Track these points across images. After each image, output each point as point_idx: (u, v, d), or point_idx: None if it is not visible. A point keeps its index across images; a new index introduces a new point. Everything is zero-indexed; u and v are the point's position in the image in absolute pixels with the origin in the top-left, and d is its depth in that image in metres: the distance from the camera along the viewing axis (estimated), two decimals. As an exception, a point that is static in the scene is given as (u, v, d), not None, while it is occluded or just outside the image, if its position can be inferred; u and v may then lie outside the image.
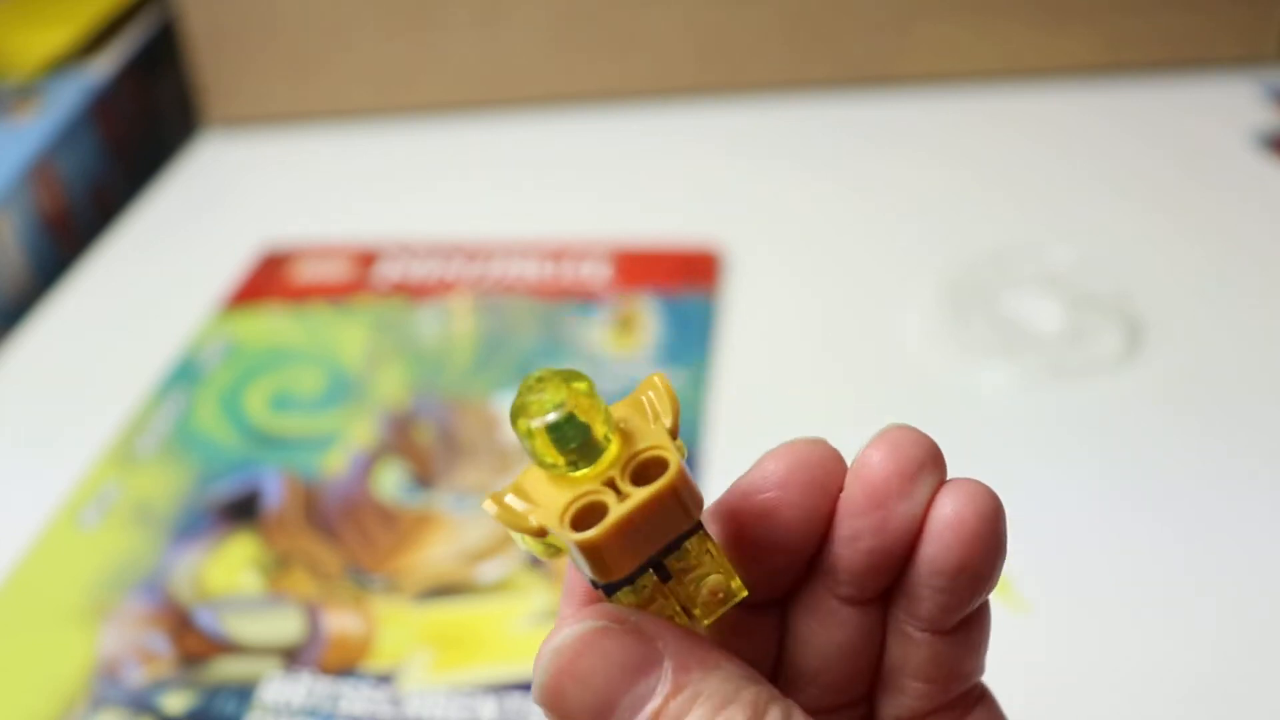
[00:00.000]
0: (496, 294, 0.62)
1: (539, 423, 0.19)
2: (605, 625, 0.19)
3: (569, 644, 0.19)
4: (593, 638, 0.19)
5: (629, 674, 0.19)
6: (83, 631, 0.45)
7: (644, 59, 0.80)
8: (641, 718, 0.19)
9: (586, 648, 0.19)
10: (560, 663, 0.19)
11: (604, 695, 0.19)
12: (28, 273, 0.69)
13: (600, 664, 0.19)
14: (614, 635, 0.19)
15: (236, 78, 0.81)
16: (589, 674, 0.19)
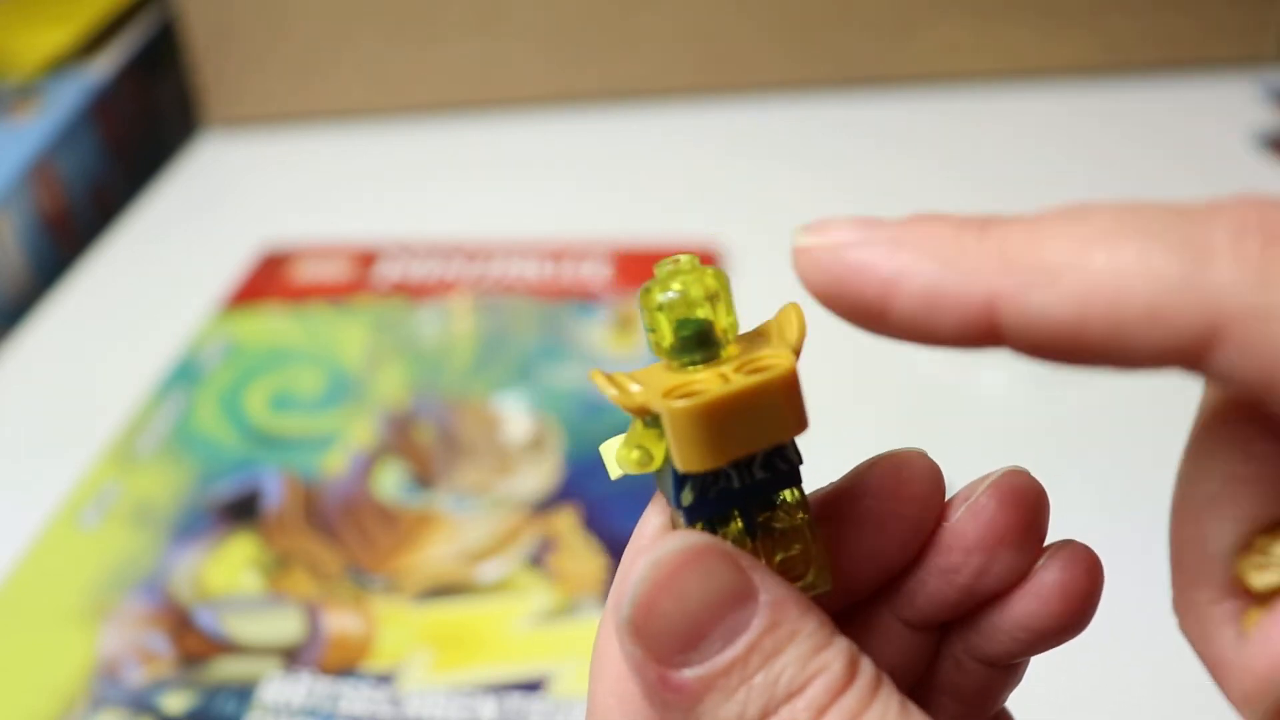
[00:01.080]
0: (496, 294, 0.62)
1: (665, 297, 0.19)
2: (709, 545, 0.18)
3: (670, 557, 0.18)
4: (696, 555, 0.18)
5: (727, 600, 0.18)
6: (83, 631, 0.45)
7: (644, 59, 0.80)
8: (735, 649, 0.17)
9: (688, 564, 0.18)
10: (658, 576, 0.18)
11: (698, 618, 0.18)
12: (28, 273, 0.69)
13: (700, 584, 0.18)
14: (716, 557, 0.18)
15: (236, 78, 0.81)
16: (687, 592, 0.18)
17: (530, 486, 0.50)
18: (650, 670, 0.18)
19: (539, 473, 0.51)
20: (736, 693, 0.17)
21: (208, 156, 0.80)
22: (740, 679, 0.17)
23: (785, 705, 0.17)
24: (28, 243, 0.69)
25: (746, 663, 0.17)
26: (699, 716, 0.18)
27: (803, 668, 0.17)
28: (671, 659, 0.18)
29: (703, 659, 0.18)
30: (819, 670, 0.17)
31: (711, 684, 0.17)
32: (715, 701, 0.17)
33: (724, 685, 0.17)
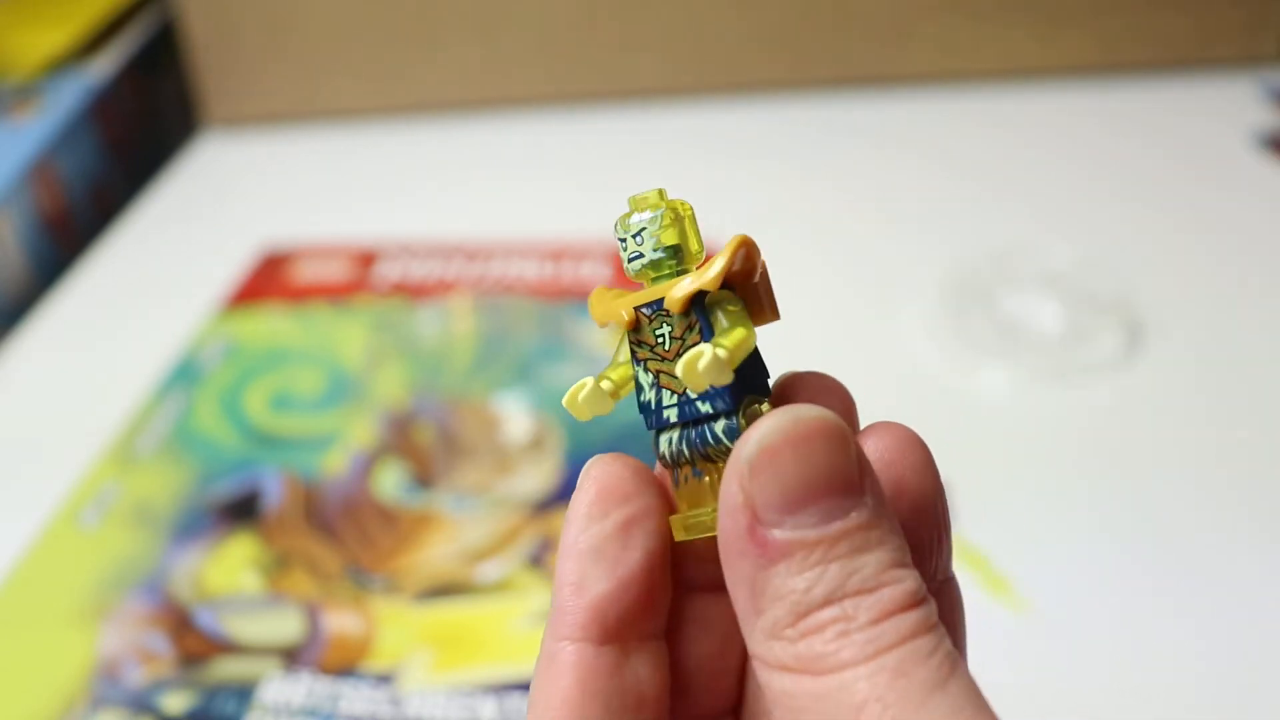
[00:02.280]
0: (496, 294, 0.62)
1: (639, 219, 0.21)
2: (845, 429, 0.18)
3: (812, 421, 0.18)
4: (833, 430, 0.18)
5: (839, 484, 0.18)
6: (83, 631, 0.45)
7: (642, 59, 0.80)
8: (827, 529, 0.18)
9: (825, 435, 0.18)
10: (794, 431, 0.18)
11: (809, 487, 0.18)
12: (28, 273, 0.69)
13: (825, 457, 0.18)
14: (847, 442, 0.18)
15: (236, 78, 0.81)
16: (811, 458, 0.18)
17: (530, 486, 0.50)
18: (744, 516, 0.18)
19: (539, 473, 0.51)
20: (811, 570, 0.18)
21: (208, 156, 0.80)
22: (820, 559, 0.18)
23: (850, 600, 0.18)
24: (28, 243, 0.69)
25: (832, 546, 0.18)
26: (767, 578, 0.18)
27: (878, 574, 0.18)
28: (767, 514, 0.18)
29: (796, 526, 0.18)
30: (892, 581, 0.18)
31: (792, 551, 0.18)
32: (788, 570, 0.18)
33: (803, 558, 0.18)
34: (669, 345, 0.21)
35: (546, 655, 0.21)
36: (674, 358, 0.21)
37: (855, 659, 0.17)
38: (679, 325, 0.21)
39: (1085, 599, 0.44)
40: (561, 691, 0.20)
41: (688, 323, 0.21)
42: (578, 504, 0.21)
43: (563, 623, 0.21)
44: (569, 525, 0.21)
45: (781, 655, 0.18)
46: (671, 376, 0.21)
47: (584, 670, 0.20)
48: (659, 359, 0.21)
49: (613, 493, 0.21)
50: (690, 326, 0.21)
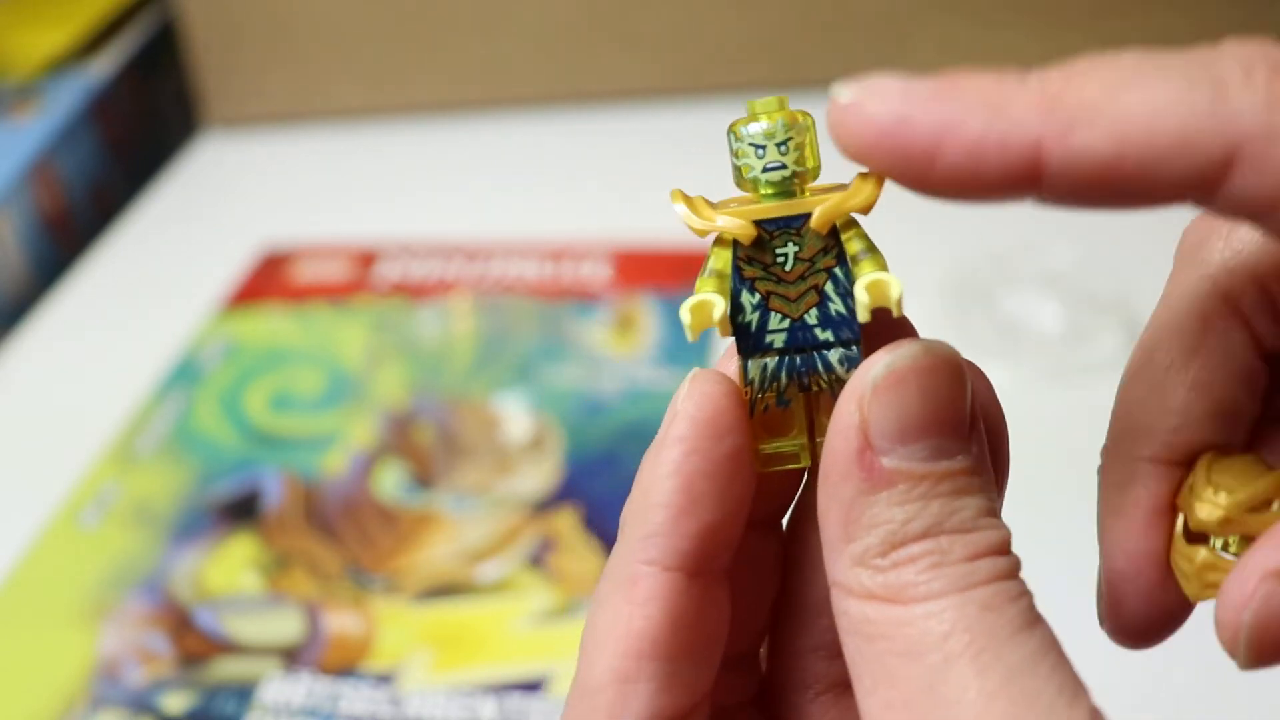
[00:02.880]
0: (496, 294, 0.62)
1: (755, 128, 0.20)
2: (967, 373, 0.19)
3: (947, 352, 0.18)
4: (959, 371, 0.18)
5: (956, 423, 0.18)
6: (83, 631, 0.45)
7: (643, 59, 0.80)
8: (935, 466, 0.18)
9: (950, 373, 0.18)
10: (927, 358, 0.18)
11: (926, 417, 0.18)
12: (28, 273, 0.69)
13: (950, 391, 0.18)
14: (965, 385, 0.19)
15: (236, 78, 0.81)
16: (933, 391, 0.18)
17: (530, 486, 0.50)
18: (857, 438, 0.18)
19: (539, 473, 0.51)
20: (912, 504, 0.18)
21: (208, 156, 0.80)
22: (922, 494, 0.18)
23: (945, 537, 0.18)
24: (28, 243, 0.69)
25: (938, 483, 0.18)
26: (866, 505, 0.18)
27: (976, 518, 0.18)
28: (881, 439, 0.18)
29: (906, 457, 0.18)
30: (987, 528, 0.18)
31: (896, 481, 0.18)
32: (890, 499, 0.18)
33: (906, 490, 0.18)
34: (791, 266, 0.20)
35: (625, 578, 0.20)
36: (795, 279, 0.20)
37: (945, 590, 0.17)
38: (810, 247, 0.20)
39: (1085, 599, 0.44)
40: (646, 619, 0.19)
41: (823, 245, 0.20)
42: (689, 419, 0.19)
43: (652, 546, 0.19)
44: (675, 442, 0.19)
45: (868, 583, 0.18)
46: (785, 299, 0.20)
47: (673, 600, 0.19)
48: (773, 279, 0.20)
49: (723, 415, 0.19)
50: (825, 250, 0.20)
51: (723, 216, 0.20)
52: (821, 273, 0.20)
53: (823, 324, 0.20)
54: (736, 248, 0.20)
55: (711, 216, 0.20)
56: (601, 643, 0.20)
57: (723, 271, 0.20)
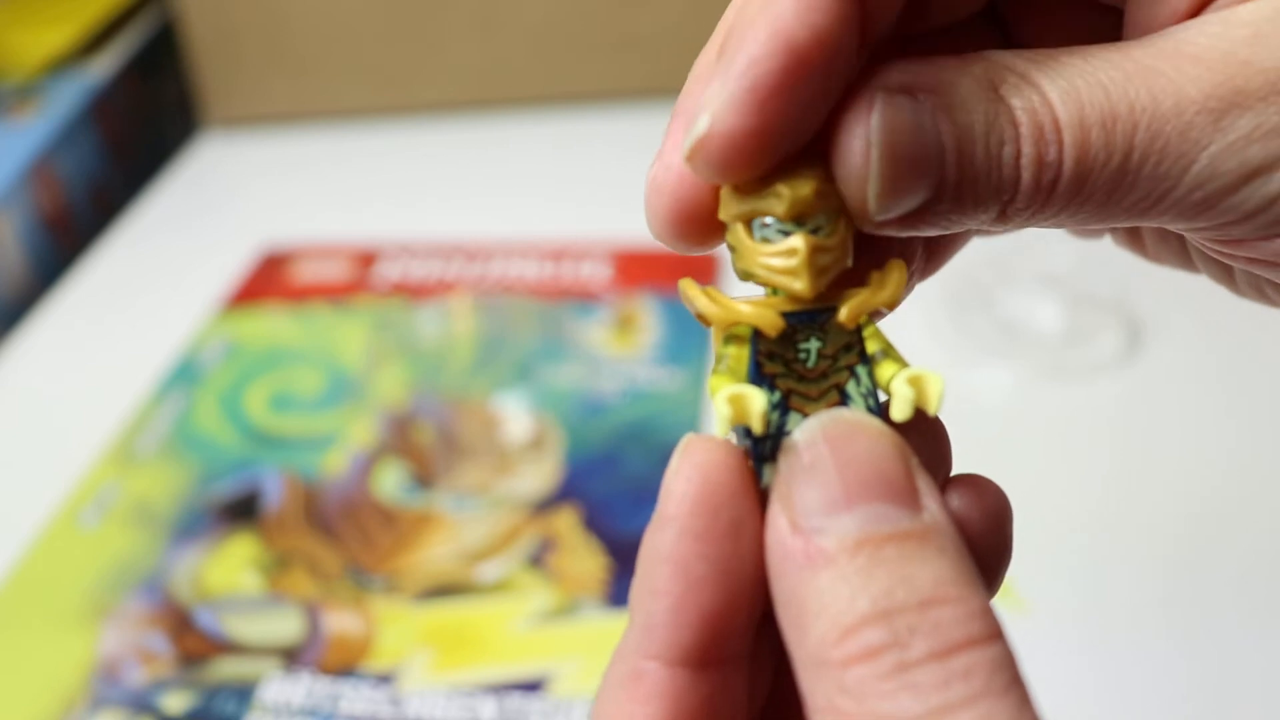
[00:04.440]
0: (496, 294, 0.62)
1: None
2: (894, 435, 0.17)
3: (851, 419, 0.17)
4: (879, 432, 0.17)
5: (889, 486, 0.17)
6: (83, 631, 0.45)
7: (643, 59, 0.80)
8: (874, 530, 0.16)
9: (866, 434, 0.17)
10: (832, 430, 0.17)
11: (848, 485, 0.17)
12: (28, 273, 0.69)
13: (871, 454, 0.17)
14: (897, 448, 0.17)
15: (236, 78, 0.81)
16: (850, 456, 0.17)
17: (530, 486, 0.50)
18: (784, 524, 0.17)
19: (539, 473, 0.51)
20: (855, 577, 0.16)
21: (208, 156, 0.80)
22: (865, 564, 0.16)
23: (899, 617, 0.16)
24: (28, 243, 0.69)
25: (878, 550, 0.16)
26: (808, 591, 0.16)
27: (935, 586, 0.16)
28: (808, 518, 0.16)
29: (838, 529, 0.16)
30: (954, 600, 0.16)
31: (835, 558, 0.16)
32: (830, 578, 0.16)
33: (846, 564, 0.16)
34: (814, 363, 0.19)
35: (629, 673, 0.18)
36: (817, 377, 0.19)
37: (913, 715, 0.15)
38: (834, 343, 0.19)
39: (1085, 599, 0.44)
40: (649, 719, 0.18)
41: (846, 341, 0.19)
42: (678, 497, 0.18)
43: (653, 640, 0.18)
44: (667, 523, 0.18)
45: (830, 691, 0.16)
46: (805, 398, 0.19)
47: (676, 699, 0.18)
48: (794, 376, 0.19)
49: (720, 486, 0.18)
50: (848, 346, 0.19)
51: (745, 306, 0.18)
52: (844, 371, 0.19)
53: None
54: (757, 342, 0.19)
55: (733, 307, 0.19)
56: None
57: (738, 369, 0.18)
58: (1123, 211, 0.19)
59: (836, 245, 0.18)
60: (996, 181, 0.18)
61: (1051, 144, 0.18)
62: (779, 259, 0.18)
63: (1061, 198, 0.18)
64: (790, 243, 0.18)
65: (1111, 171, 0.18)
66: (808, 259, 0.18)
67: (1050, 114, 0.18)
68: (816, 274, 0.18)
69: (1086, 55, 0.18)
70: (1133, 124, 0.18)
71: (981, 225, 0.19)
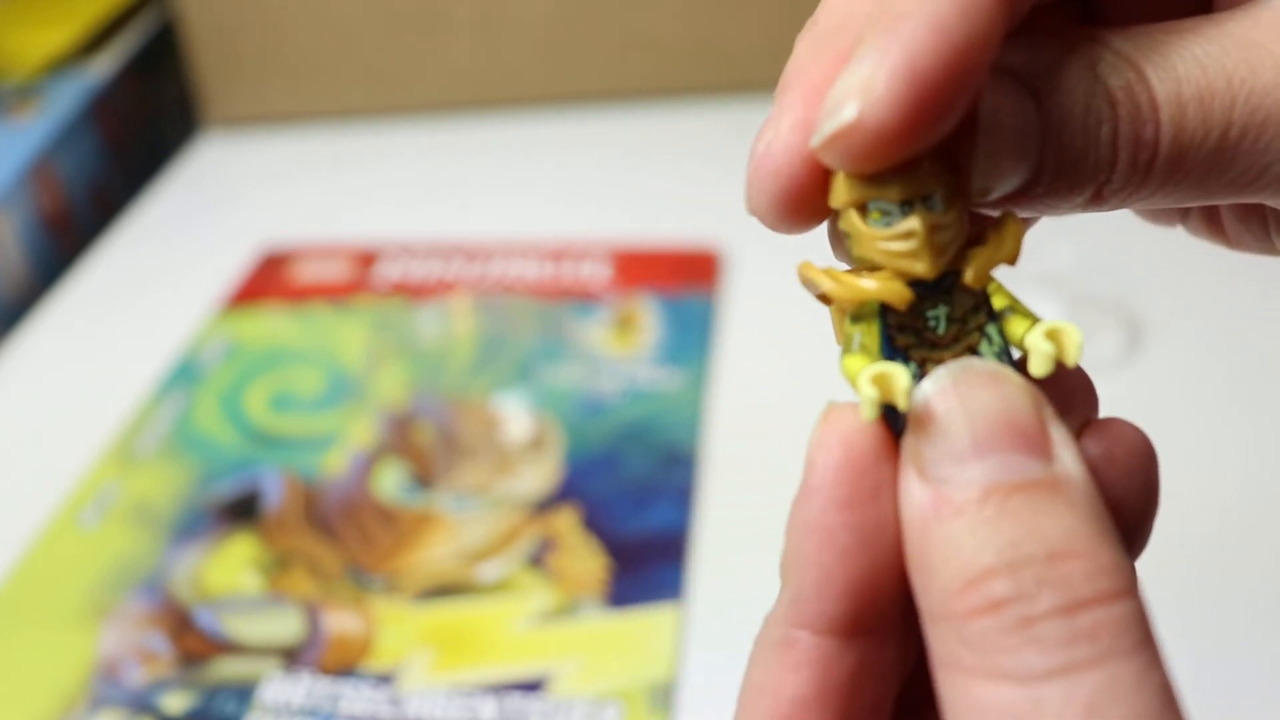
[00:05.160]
0: (496, 294, 0.62)
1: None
2: (1027, 383, 0.17)
3: (981, 367, 0.17)
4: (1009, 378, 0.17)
5: (1019, 435, 0.16)
6: (83, 631, 0.45)
7: (643, 59, 0.80)
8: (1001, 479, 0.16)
9: (996, 380, 0.17)
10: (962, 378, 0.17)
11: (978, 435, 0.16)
12: (28, 273, 0.69)
13: (1002, 404, 0.16)
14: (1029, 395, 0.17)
15: (236, 78, 0.81)
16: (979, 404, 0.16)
17: (530, 486, 0.50)
18: (911, 472, 0.17)
19: (539, 473, 0.51)
20: (981, 529, 0.16)
21: (208, 156, 0.80)
22: (992, 515, 0.16)
23: (1026, 571, 0.15)
24: (28, 243, 0.69)
25: (1006, 500, 0.16)
26: (933, 540, 0.16)
27: (1066, 539, 0.15)
28: (932, 466, 0.16)
29: (963, 479, 0.16)
30: (1083, 554, 0.15)
31: (963, 507, 0.16)
32: (955, 530, 0.16)
33: (973, 515, 0.16)
34: (944, 329, 0.18)
35: (780, 640, 0.18)
36: (949, 343, 0.18)
37: (1037, 671, 0.15)
38: (961, 306, 0.19)
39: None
40: (796, 687, 0.18)
41: (974, 303, 0.19)
42: (824, 467, 0.17)
43: (803, 610, 0.18)
44: (813, 494, 0.17)
45: (951, 643, 0.15)
46: (940, 365, 0.18)
47: (826, 667, 0.18)
48: (927, 345, 0.18)
49: (861, 454, 0.17)
50: (976, 307, 0.19)
51: (870, 282, 0.18)
52: (975, 332, 0.18)
53: None
54: (885, 315, 0.18)
55: (859, 285, 0.18)
56: (753, 703, 0.18)
57: (871, 345, 0.18)
58: (1221, 188, 0.18)
59: (954, 221, 0.18)
60: (1094, 162, 0.18)
61: (1148, 122, 0.17)
62: (897, 243, 0.18)
63: (1158, 176, 0.18)
64: (908, 225, 0.18)
65: (1210, 148, 0.17)
66: (926, 240, 0.18)
67: (1147, 92, 0.17)
68: (937, 254, 0.18)
69: (1181, 30, 0.18)
70: (1230, 98, 0.17)
71: (1076, 208, 0.18)
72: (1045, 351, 0.17)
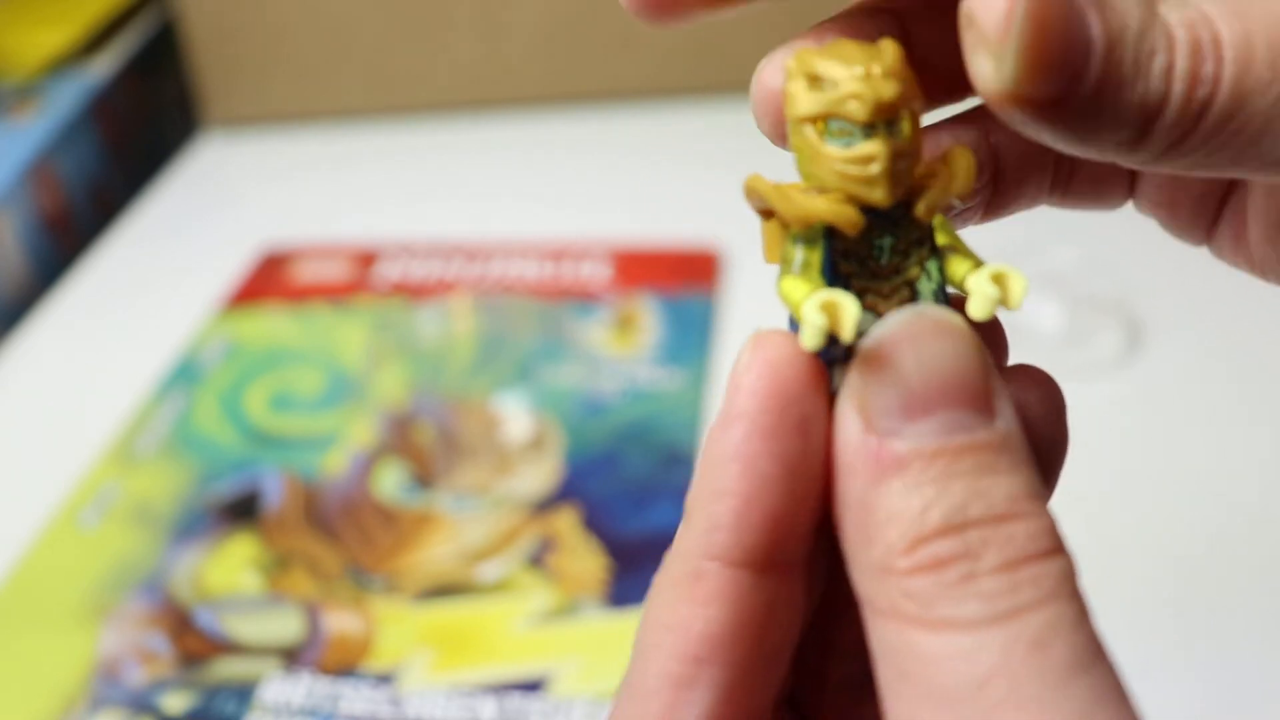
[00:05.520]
0: (496, 294, 0.62)
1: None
2: (968, 332, 0.17)
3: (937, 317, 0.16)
4: (963, 332, 0.16)
5: (967, 392, 0.16)
6: (83, 631, 0.45)
7: (643, 59, 0.80)
8: (951, 439, 0.16)
9: (950, 334, 0.16)
10: (916, 326, 0.16)
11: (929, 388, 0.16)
12: (28, 273, 0.69)
13: (954, 357, 0.16)
14: (979, 350, 0.16)
15: (236, 78, 0.81)
16: (936, 356, 0.16)
17: (530, 486, 0.50)
18: (857, 423, 0.16)
19: (539, 473, 0.51)
20: (928, 486, 0.16)
21: (208, 156, 0.80)
22: (939, 474, 0.16)
23: (973, 530, 0.15)
24: (28, 243, 0.69)
25: (956, 459, 0.16)
26: (879, 497, 0.16)
27: (1009, 502, 0.16)
28: (882, 419, 0.16)
29: (916, 436, 0.16)
30: (1025, 514, 0.16)
31: (908, 463, 0.16)
32: (903, 486, 0.16)
33: (920, 471, 0.16)
34: (887, 259, 0.18)
35: (689, 573, 0.17)
36: (890, 274, 0.18)
37: (981, 619, 0.15)
38: (905, 238, 0.18)
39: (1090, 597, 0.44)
40: (706, 623, 0.17)
41: (918, 236, 0.18)
42: (749, 393, 0.17)
43: (717, 540, 0.17)
44: (734, 420, 0.17)
45: (893, 595, 0.15)
46: (879, 296, 0.18)
47: (738, 601, 0.17)
48: (868, 275, 0.18)
49: (789, 381, 0.17)
50: (919, 241, 0.18)
51: (822, 202, 0.17)
52: (915, 266, 0.18)
53: None
54: (831, 240, 0.18)
55: (810, 204, 0.17)
56: (658, 643, 0.17)
57: (814, 269, 0.18)
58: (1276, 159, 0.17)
59: (914, 147, 0.17)
60: (1142, 92, 0.16)
61: (1209, 59, 0.16)
62: (856, 166, 0.17)
63: (1211, 125, 0.16)
64: (870, 148, 0.17)
65: (1273, 98, 0.16)
66: (888, 167, 0.17)
67: (1211, 29, 0.16)
68: (894, 182, 0.17)
69: None
70: None
71: (1112, 151, 0.17)
72: (990, 295, 0.17)
